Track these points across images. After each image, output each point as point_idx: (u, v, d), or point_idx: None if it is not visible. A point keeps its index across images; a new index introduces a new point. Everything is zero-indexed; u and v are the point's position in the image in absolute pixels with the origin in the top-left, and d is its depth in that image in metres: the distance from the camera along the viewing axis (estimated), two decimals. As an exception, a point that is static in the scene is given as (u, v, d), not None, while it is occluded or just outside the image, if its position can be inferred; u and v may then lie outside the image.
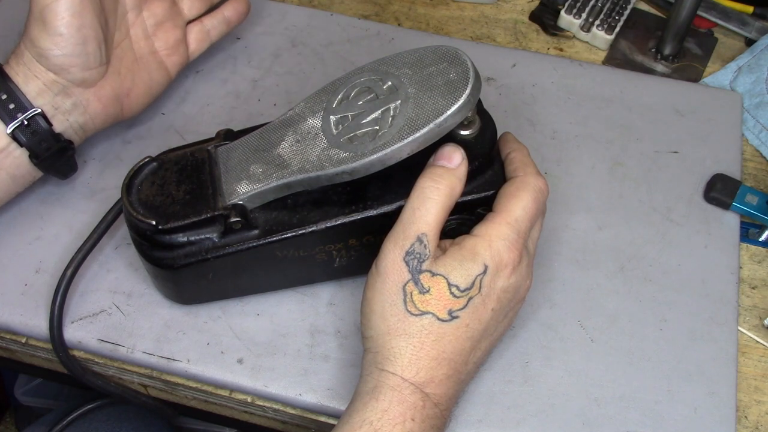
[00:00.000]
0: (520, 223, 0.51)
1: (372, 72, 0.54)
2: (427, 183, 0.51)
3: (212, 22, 0.70)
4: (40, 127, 0.59)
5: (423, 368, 0.49)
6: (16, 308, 0.61)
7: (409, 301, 0.49)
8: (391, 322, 0.50)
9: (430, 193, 0.50)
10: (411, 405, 0.48)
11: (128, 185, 0.55)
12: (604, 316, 0.61)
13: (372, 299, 0.51)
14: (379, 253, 0.51)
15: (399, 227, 0.51)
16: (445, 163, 0.51)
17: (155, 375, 0.60)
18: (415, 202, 0.50)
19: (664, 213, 0.66)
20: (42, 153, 0.59)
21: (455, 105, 0.49)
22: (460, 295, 0.49)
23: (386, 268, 0.50)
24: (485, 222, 0.52)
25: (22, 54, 0.59)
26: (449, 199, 0.51)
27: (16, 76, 0.59)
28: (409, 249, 0.50)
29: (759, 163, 0.71)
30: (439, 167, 0.51)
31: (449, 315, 0.49)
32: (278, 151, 0.54)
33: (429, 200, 0.50)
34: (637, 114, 0.72)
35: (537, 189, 0.52)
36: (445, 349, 0.50)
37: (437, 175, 0.51)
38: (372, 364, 0.50)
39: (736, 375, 0.58)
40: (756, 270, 0.64)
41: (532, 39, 0.79)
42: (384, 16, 0.80)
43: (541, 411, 0.57)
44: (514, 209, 0.51)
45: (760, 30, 0.78)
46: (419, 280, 0.49)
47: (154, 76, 0.66)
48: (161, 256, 0.55)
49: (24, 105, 0.58)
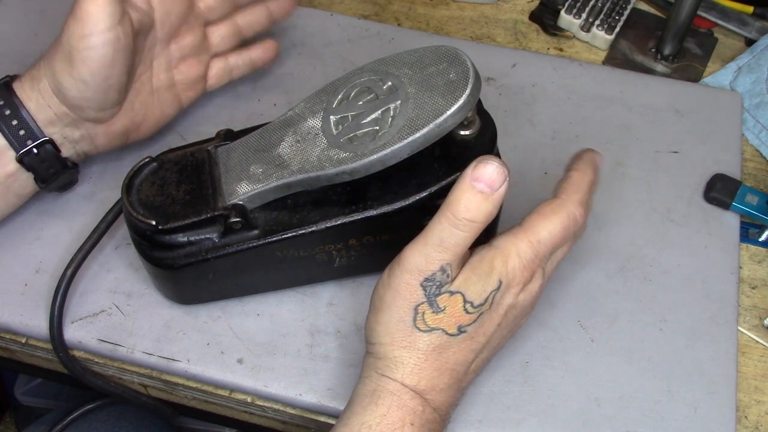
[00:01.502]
0: (541, 246, 0.49)
1: (372, 72, 0.54)
2: (462, 212, 0.46)
3: (237, 61, 0.68)
4: (48, 155, 0.59)
5: (425, 378, 0.49)
6: (16, 308, 0.61)
7: (419, 320, 0.48)
8: (396, 335, 0.49)
9: (464, 226, 0.46)
10: (410, 410, 0.48)
11: (128, 185, 0.55)
12: (604, 316, 0.61)
13: (380, 310, 0.49)
14: (393, 265, 0.49)
15: (422, 250, 0.47)
16: (485, 188, 0.46)
17: (155, 375, 0.60)
18: (445, 230, 0.47)
19: (664, 213, 0.66)
20: (48, 177, 0.60)
21: (455, 105, 0.49)
22: (472, 312, 0.48)
23: (400, 287, 0.48)
24: (507, 235, 0.49)
25: (40, 79, 0.58)
26: (482, 228, 0.47)
27: (28, 101, 0.58)
28: (430, 276, 0.47)
29: (759, 163, 0.71)
30: (478, 194, 0.46)
31: (458, 330, 0.49)
32: (278, 152, 0.54)
33: (460, 233, 0.47)
34: (637, 114, 0.72)
35: (571, 217, 0.50)
36: (448, 360, 0.49)
37: (475, 204, 0.46)
38: (372, 368, 0.50)
39: (736, 375, 0.58)
40: (756, 270, 0.64)
41: (532, 39, 0.79)
42: (384, 16, 0.80)
43: (541, 411, 0.57)
44: (539, 230, 0.49)
45: (760, 30, 0.78)
46: (435, 302, 0.48)
47: (166, 109, 0.65)
48: (161, 256, 0.55)
49: (35, 133, 0.58)
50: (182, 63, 0.64)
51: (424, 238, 0.48)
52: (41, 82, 0.58)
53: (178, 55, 0.64)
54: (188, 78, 0.65)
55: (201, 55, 0.65)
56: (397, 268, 0.48)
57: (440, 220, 0.47)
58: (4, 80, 0.59)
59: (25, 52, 0.75)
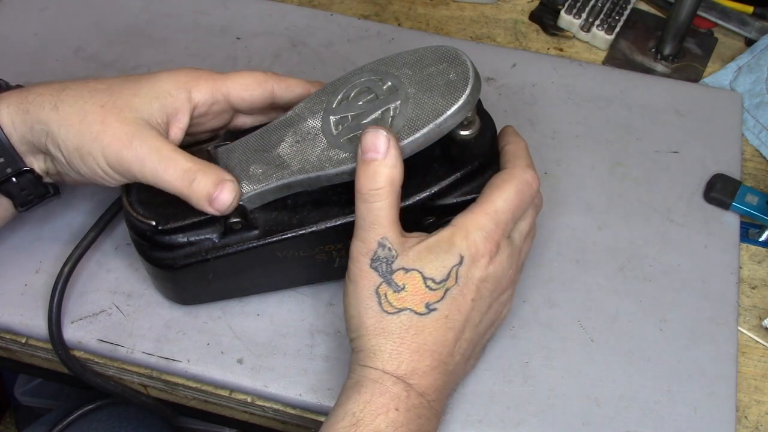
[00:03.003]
0: (500, 214, 0.51)
1: (372, 72, 0.53)
2: (365, 187, 0.49)
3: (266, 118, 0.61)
4: (28, 183, 0.55)
5: (404, 361, 0.49)
6: (16, 308, 0.61)
7: (384, 302, 0.49)
8: (368, 324, 0.50)
9: (372, 197, 0.49)
10: (394, 395, 0.48)
11: (128, 185, 0.55)
12: (604, 316, 0.61)
13: (348, 305, 0.51)
14: (348, 264, 0.51)
15: (357, 236, 0.50)
16: (373, 155, 0.49)
17: (155, 375, 0.60)
18: (362, 210, 0.50)
19: (664, 213, 0.66)
20: (28, 203, 0.57)
21: (455, 105, 0.49)
22: (436, 288, 0.49)
23: (356, 277, 0.50)
24: (464, 212, 0.51)
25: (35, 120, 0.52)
26: (393, 192, 0.49)
27: (12, 131, 0.53)
28: (374, 256, 0.49)
29: (759, 163, 0.71)
30: (370, 162, 0.49)
31: (426, 308, 0.49)
32: (278, 152, 0.54)
33: (374, 204, 0.49)
34: (637, 114, 0.72)
35: (523, 181, 0.52)
36: (425, 341, 0.49)
37: (371, 174, 0.49)
38: (355, 362, 0.51)
39: (736, 375, 0.58)
40: (756, 270, 0.64)
41: (532, 39, 0.79)
42: (384, 16, 0.80)
43: (541, 411, 0.57)
44: (495, 200, 0.51)
45: (760, 30, 0.78)
46: (392, 280, 0.49)
47: None
48: (161, 257, 0.55)
49: (15, 162, 0.54)
50: (193, 129, 0.58)
51: (356, 226, 0.50)
52: (38, 126, 0.52)
53: (195, 129, 0.58)
54: (195, 140, 0.59)
55: (219, 119, 0.59)
56: (349, 263, 0.51)
57: (357, 205, 0.50)
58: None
59: (25, 52, 0.75)
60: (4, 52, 0.75)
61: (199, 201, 0.52)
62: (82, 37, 0.76)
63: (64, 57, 0.75)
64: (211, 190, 0.52)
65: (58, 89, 0.53)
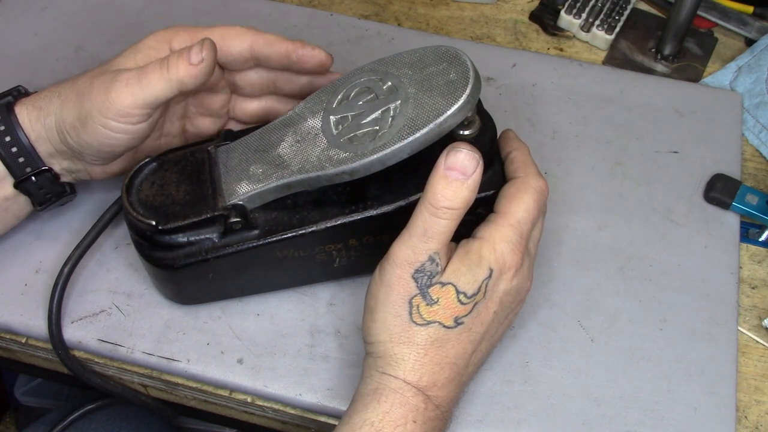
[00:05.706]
0: (522, 225, 0.51)
1: (372, 72, 0.54)
2: (440, 201, 0.48)
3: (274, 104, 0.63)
4: (46, 182, 0.58)
5: (426, 373, 0.49)
6: (16, 308, 0.61)
7: (415, 313, 0.49)
8: (394, 332, 0.49)
9: (444, 214, 0.48)
10: (413, 407, 0.48)
11: (128, 185, 0.55)
12: (604, 316, 0.61)
13: (375, 309, 0.50)
14: (383, 262, 0.50)
15: (408, 242, 0.49)
16: (458, 176, 0.48)
17: (155, 375, 0.60)
18: (427, 221, 0.48)
19: (664, 213, 0.66)
20: (46, 201, 0.59)
21: (455, 105, 0.49)
22: (467, 302, 0.49)
23: (392, 282, 0.49)
24: (488, 224, 0.51)
25: (47, 114, 0.55)
26: (462, 213, 0.49)
27: (30, 130, 0.56)
28: (420, 267, 0.49)
29: (759, 163, 0.71)
30: (453, 181, 0.48)
31: (455, 322, 0.49)
32: (278, 152, 0.54)
33: (442, 221, 0.48)
34: (637, 114, 0.72)
35: (538, 190, 0.52)
36: (447, 354, 0.49)
37: (451, 192, 0.48)
38: (373, 367, 0.50)
39: (736, 375, 0.58)
40: (756, 270, 0.64)
41: (532, 39, 0.79)
42: (384, 16, 0.80)
43: (541, 411, 0.57)
44: (516, 211, 0.51)
45: (760, 30, 0.78)
46: (428, 294, 0.49)
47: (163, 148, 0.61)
48: (161, 257, 0.55)
49: (35, 162, 0.56)
50: (198, 118, 0.62)
51: (409, 231, 0.49)
52: (48, 118, 0.55)
53: (196, 111, 0.62)
54: (199, 131, 0.62)
55: (219, 118, 0.62)
56: (387, 264, 0.49)
57: (421, 212, 0.49)
58: (6, 100, 0.57)
59: (25, 52, 0.75)
60: (4, 52, 0.75)
61: (178, 68, 0.53)
62: (82, 37, 0.76)
63: (64, 57, 0.75)
64: (184, 53, 0.53)
65: (62, 83, 0.56)
